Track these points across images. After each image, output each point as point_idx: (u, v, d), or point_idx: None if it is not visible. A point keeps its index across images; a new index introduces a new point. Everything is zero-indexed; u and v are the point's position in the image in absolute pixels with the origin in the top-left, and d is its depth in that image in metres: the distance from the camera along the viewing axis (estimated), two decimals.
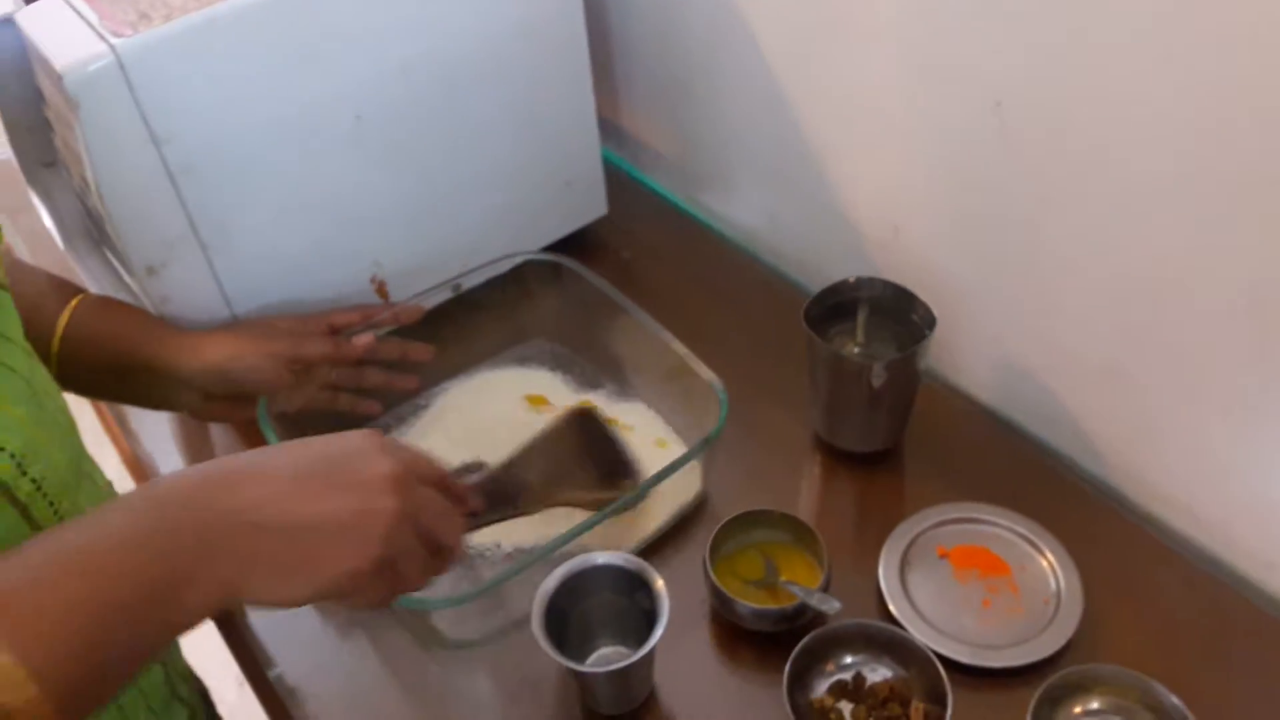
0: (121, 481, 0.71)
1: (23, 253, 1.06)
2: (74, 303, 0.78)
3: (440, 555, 0.56)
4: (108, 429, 0.98)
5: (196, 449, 0.93)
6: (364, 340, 0.85)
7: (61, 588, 0.44)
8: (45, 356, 0.73)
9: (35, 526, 0.54)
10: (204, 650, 0.78)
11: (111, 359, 0.78)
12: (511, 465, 0.70)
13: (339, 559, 0.49)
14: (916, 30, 0.79)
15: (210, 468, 0.49)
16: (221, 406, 0.81)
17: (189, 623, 0.47)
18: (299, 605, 0.49)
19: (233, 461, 0.50)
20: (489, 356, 0.96)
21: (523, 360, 0.96)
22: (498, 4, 0.87)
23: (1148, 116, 0.67)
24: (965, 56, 0.76)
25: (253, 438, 0.86)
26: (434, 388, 0.94)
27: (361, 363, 0.86)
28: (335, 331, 0.86)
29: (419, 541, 0.54)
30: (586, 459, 0.75)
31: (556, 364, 0.96)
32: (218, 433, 0.94)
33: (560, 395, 0.93)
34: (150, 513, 0.47)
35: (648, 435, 0.87)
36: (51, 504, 0.55)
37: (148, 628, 0.45)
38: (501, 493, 0.67)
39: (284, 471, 0.50)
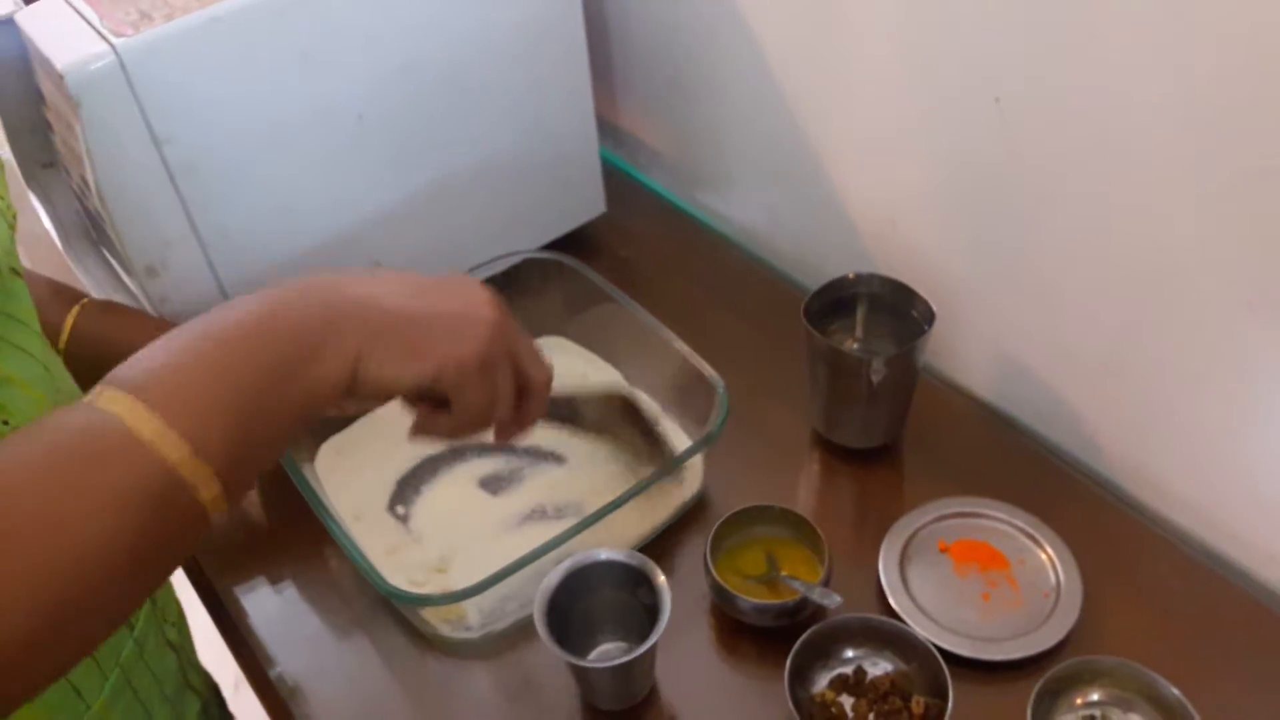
0: None
1: (20, 255, 1.06)
2: (77, 308, 0.78)
3: (529, 396, 0.63)
4: None
5: None
6: None
7: (209, 375, 0.48)
8: None
9: None
10: (199, 655, 0.78)
11: (118, 362, 0.78)
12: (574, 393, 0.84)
13: (448, 347, 0.56)
14: (914, 25, 0.79)
15: (314, 278, 0.54)
16: None
17: (323, 393, 0.52)
18: (412, 385, 0.55)
19: (340, 272, 0.56)
20: None
21: None
22: (498, 5, 0.87)
23: (1147, 110, 0.67)
24: (964, 50, 0.76)
25: None
26: None
27: None
28: None
29: (512, 366, 0.60)
30: (632, 429, 0.83)
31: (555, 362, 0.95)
32: None
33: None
34: (269, 305, 0.52)
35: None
36: None
37: (286, 402, 0.50)
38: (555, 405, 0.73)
39: (394, 280, 0.57)
